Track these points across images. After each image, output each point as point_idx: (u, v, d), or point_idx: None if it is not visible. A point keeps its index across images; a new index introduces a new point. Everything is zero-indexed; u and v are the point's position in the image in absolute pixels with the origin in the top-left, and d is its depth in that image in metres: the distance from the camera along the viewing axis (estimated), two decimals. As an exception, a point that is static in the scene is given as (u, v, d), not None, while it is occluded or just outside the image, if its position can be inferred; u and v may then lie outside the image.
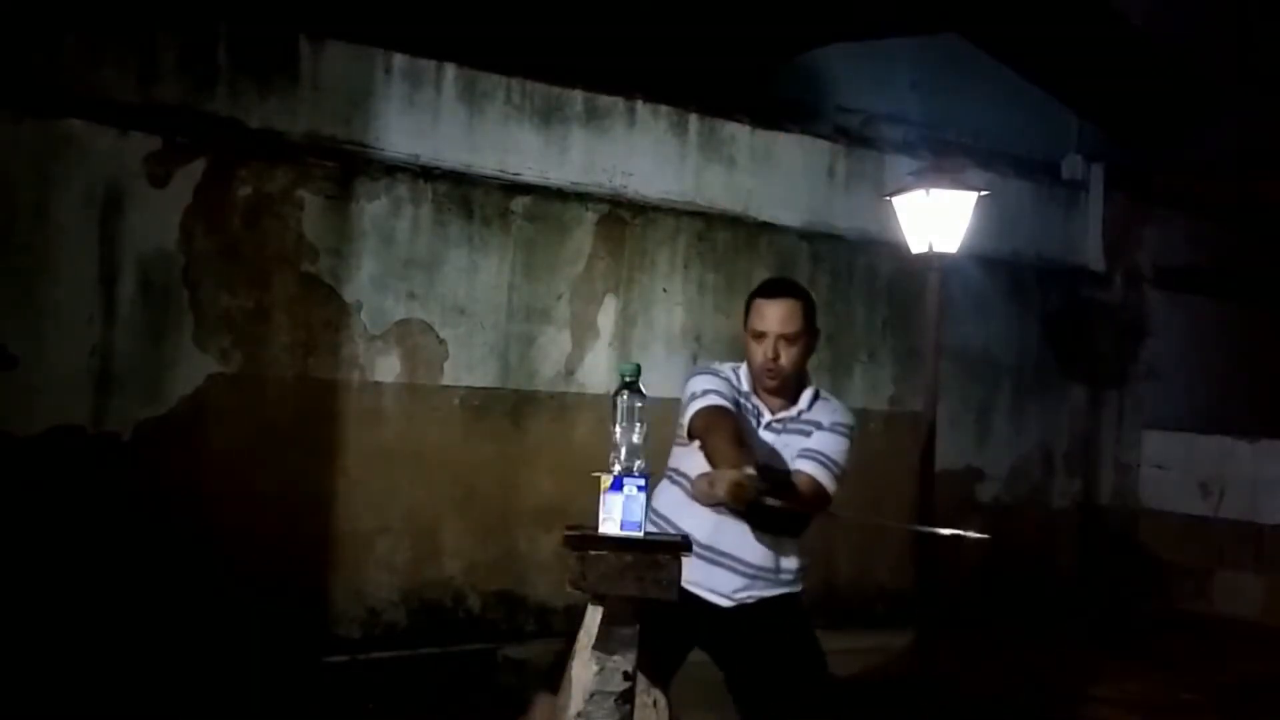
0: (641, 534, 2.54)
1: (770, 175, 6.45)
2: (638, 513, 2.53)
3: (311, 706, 4.65)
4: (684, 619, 2.93)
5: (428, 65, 5.44)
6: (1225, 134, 7.96)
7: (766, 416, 3.15)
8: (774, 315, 3.08)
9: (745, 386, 3.17)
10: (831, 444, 3.12)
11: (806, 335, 3.13)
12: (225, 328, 4.97)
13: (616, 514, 2.52)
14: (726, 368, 3.23)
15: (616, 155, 5.95)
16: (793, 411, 3.16)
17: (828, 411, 3.19)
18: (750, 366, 3.15)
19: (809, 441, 3.11)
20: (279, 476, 5.05)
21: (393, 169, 5.36)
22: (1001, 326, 7.37)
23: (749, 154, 6.39)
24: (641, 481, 2.54)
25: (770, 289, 3.18)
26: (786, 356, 3.08)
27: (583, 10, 5.94)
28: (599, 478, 2.57)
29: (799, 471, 3.08)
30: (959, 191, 5.13)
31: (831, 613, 6.61)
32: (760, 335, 3.10)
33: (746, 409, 3.13)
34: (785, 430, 3.15)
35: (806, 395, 3.18)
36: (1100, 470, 7.86)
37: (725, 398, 3.08)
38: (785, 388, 3.14)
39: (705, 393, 3.07)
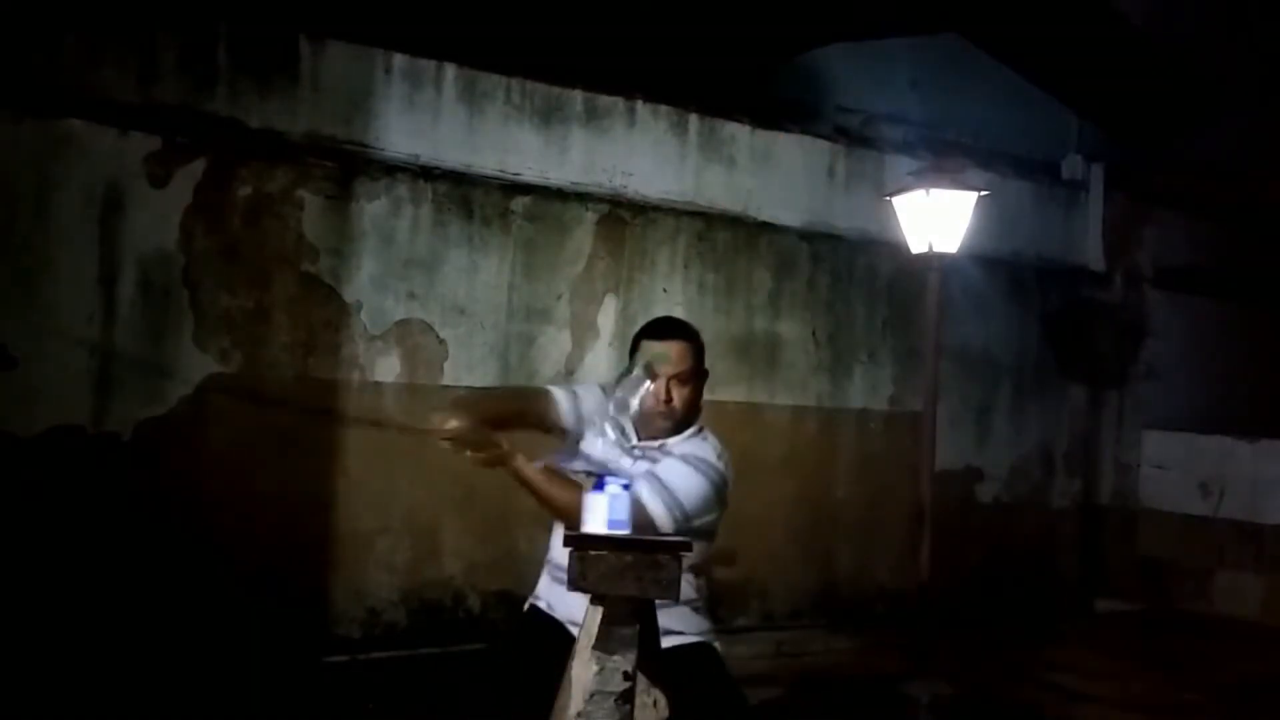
0: (629, 531, 2.57)
1: (770, 175, 6.45)
2: (622, 511, 2.57)
3: (311, 706, 4.65)
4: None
5: (428, 65, 5.45)
6: (1225, 134, 7.96)
7: (632, 441, 2.99)
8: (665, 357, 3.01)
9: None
10: (676, 472, 2.90)
11: (697, 376, 3.06)
12: (225, 328, 4.97)
13: (601, 514, 2.56)
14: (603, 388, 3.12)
15: (616, 155, 5.95)
16: (658, 442, 3.02)
17: (692, 445, 3.03)
18: (641, 407, 2.93)
19: (654, 466, 2.92)
20: (279, 476, 5.05)
21: (393, 169, 5.36)
22: (1001, 326, 7.38)
23: (749, 154, 6.39)
24: (625, 480, 2.61)
25: (659, 330, 3.11)
26: (679, 397, 3.01)
27: (583, 10, 5.94)
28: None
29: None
30: (959, 191, 5.13)
31: (831, 612, 6.63)
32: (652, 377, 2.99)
33: (614, 436, 2.93)
34: (644, 456, 2.99)
35: (688, 432, 3.07)
36: (1100, 470, 7.86)
37: (561, 397, 3.04)
38: (675, 429, 3.05)
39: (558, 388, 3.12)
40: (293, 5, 5.17)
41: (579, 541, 2.54)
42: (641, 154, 6.03)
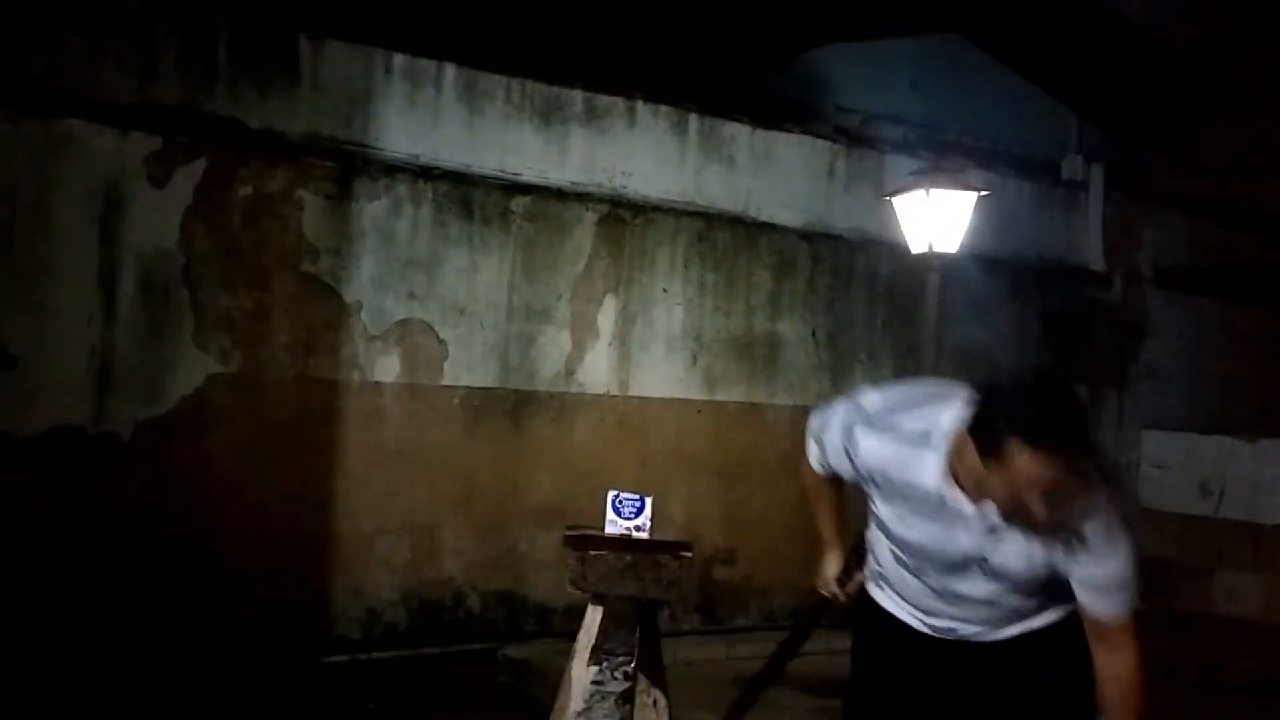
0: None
1: (770, 175, 6.44)
2: (632, 512, 2.62)
3: (311, 706, 4.65)
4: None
5: (428, 65, 5.44)
6: (1225, 134, 7.96)
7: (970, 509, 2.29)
8: (1050, 472, 2.12)
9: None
10: (1118, 570, 2.27)
11: (1090, 482, 2.22)
12: (225, 328, 4.97)
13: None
14: (917, 419, 2.36)
15: (616, 155, 5.95)
16: None
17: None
18: (991, 498, 2.24)
19: (1074, 559, 2.26)
20: (279, 476, 5.05)
21: (393, 169, 5.36)
22: (1001, 326, 7.36)
23: (749, 154, 6.38)
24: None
25: (1040, 429, 2.12)
26: (1061, 512, 2.19)
27: (583, 10, 5.93)
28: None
29: (1092, 620, 2.31)
30: (959, 191, 5.14)
31: (832, 612, 6.62)
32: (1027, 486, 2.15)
33: (930, 498, 2.33)
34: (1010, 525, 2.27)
35: None
36: (1100, 470, 7.84)
37: (828, 452, 2.57)
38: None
39: (822, 431, 2.58)
40: (293, 5, 5.16)
41: (579, 542, 2.54)
42: (641, 154, 6.03)
